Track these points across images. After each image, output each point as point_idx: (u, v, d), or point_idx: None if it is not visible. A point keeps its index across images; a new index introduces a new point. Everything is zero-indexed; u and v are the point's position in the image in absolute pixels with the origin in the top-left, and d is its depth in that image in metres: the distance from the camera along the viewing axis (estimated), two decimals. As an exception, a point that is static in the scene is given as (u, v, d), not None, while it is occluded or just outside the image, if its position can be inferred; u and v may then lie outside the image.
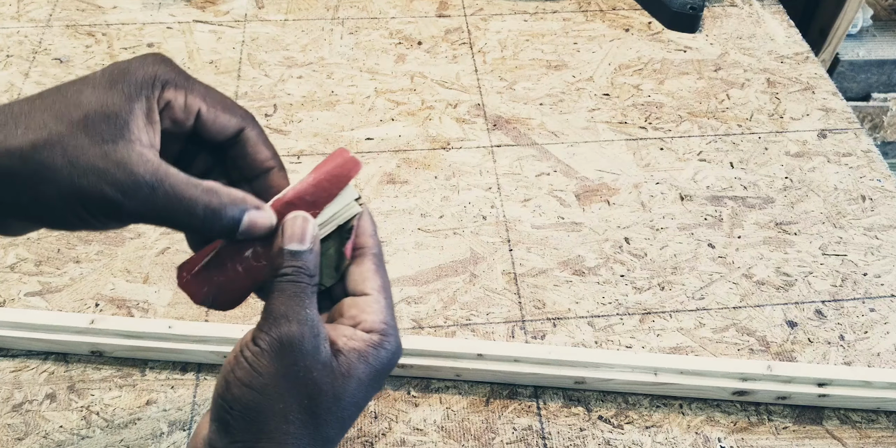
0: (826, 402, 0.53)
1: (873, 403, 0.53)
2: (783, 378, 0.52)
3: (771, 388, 0.52)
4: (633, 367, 0.53)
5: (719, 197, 0.67)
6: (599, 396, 0.54)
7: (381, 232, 0.64)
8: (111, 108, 0.33)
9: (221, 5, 0.86)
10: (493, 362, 0.53)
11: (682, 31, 0.84)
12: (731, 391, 0.53)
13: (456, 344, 0.54)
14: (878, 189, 0.68)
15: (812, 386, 0.52)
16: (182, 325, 0.54)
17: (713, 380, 0.53)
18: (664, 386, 0.53)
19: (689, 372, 0.52)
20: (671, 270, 0.62)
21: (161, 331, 0.54)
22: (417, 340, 0.54)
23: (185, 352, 0.54)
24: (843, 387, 0.52)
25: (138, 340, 0.54)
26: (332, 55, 0.80)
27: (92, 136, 0.32)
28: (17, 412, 0.52)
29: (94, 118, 0.32)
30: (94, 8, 0.85)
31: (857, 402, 0.53)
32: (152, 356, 0.55)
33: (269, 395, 0.34)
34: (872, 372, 0.52)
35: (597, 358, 0.53)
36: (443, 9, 0.87)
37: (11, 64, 0.78)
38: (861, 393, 0.52)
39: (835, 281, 0.61)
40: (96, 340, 0.54)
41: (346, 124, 0.73)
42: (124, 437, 0.51)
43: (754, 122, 0.74)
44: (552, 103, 0.76)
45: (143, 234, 0.63)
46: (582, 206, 0.66)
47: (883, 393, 0.52)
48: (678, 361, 0.53)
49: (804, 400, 0.53)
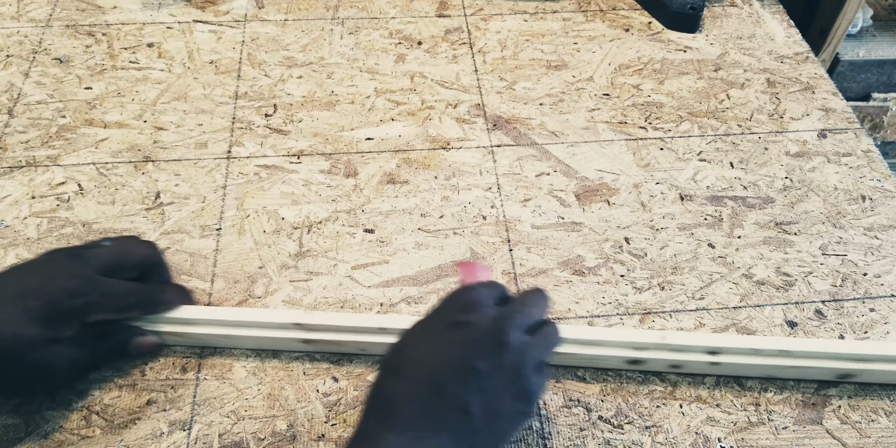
0: (718, 370, 0.54)
1: (764, 370, 0.54)
2: (675, 347, 0.53)
3: (664, 356, 0.53)
4: None
5: (719, 197, 0.68)
6: (600, 396, 0.54)
7: (382, 232, 0.64)
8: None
9: (221, 5, 0.86)
10: (396, 336, 0.54)
11: (682, 31, 0.84)
12: (626, 360, 0.54)
13: (358, 318, 0.54)
14: (878, 189, 0.68)
15: (703, 354, 0.53)
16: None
17: (608, 349, 0.53)
18: (562, 356, 0.54)
19: (585, 342, 0.53)
20: (671, 270, 0.62)
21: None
22: (321, 316, 0.54)
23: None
24: (733, 355, 0.53)
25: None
26: (332, 55, 0.80)
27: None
28: (17, 412, 0.52)
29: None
30: (94, 8, 0.85)
31: (748, 370, 0.54)
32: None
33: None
34: (761, 340, 0.53)
35: None
36: (443, 9, 0.87)
37: (11, 64, 0.78)
38: (752, 361, 0.53)
39: (835, 281, 0.61)
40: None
41: (346, 124, 0.73)
42: (124, 437, 0.51)
43: (754, 122, 0.74)
44: (552, 103, 0.76)
45: (143, 234, 0.63)
46: (582, 206, 0.66)
47: (773, 360, 0.53)
48: (574, 331, 0.53)
49: (697, 368, 0.54)
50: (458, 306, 0.42)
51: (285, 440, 0.51)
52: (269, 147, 0.71)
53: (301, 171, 0.69)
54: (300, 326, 0.54)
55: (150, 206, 0.65)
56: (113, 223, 0.64)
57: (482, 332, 0.40)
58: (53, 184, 0.67)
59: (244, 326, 0.55)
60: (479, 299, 0.42)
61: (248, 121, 0.73)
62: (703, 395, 0.54)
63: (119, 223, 0.64)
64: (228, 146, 0.71)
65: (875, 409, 0.54)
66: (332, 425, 0.52)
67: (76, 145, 0.70)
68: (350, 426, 0.52)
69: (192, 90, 0.76)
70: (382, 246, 0.63)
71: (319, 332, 0.54)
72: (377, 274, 0.61)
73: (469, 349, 0.39)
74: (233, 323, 0.54)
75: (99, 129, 0.72)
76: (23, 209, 0.65)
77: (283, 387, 0.54)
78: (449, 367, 0.39)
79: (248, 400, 0.53)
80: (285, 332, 0.54)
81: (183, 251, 0.62)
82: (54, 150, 0.70)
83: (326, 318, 0.54)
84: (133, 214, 0.65)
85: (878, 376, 0.54)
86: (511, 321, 0.41)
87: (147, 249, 0.54)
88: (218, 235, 0.63)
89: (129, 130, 0.72)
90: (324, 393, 0.54)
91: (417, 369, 0.39)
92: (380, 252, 0.63)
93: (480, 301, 0.42)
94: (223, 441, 0.51)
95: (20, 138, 0.71)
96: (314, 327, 0.54)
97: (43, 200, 0.66)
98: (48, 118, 0.73)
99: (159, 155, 0.70)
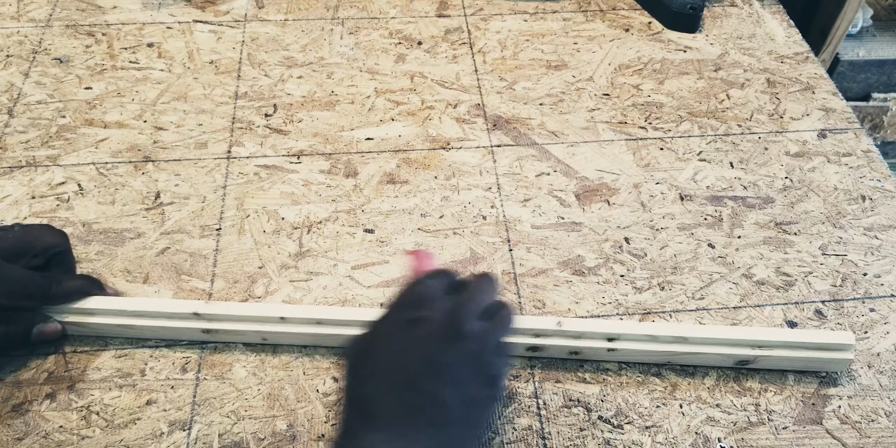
0: (615, 357, 0.55)
1: (662, 357, 0.55)
2: (573, 333, 0.54)
3: (562, 343, 0.54)
4: None
5: (719, 197, 0.67)
6: (600, 396, 0.54)
7: (382, 232, 0.64)
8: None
9: (221, 5, 0.86)
10: (296, 325, 0.54)
11: (682, 31, 0.84)
12: (525, 347, 0.54)
13: (259, 308, 0.55)
14: (878, 189, 0.68)
15: (602, 341, 0.54)
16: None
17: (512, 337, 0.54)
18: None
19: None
20: (671, 270, 0.62)
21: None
22: (220, 306, 0.55)
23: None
24: (630, 341, 0.54)
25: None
26: (332, 55, 0.80)
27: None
28: (17, 412, 0.52)
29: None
30: (94, 8, 0.85)
31: (646, 356, 0.55)
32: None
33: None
34: (657, 326, 0.54)
35: None
36: (443, 9, 0.87)
37: (11, 64, 0.78)
38: (648, 347, 0.54)
39: (835, 281, 0.61)
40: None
41: (346, 124, 0.73)
42: (124, 437, 0.51)
43: (754, 122, 0.74)
44: (552, 103, 0.76)
45: (143, 234, 0.63)
46: (582, 206, 0.66)
47: (669, 347, 0.54)
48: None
49: (595, 355, 0.55)
50: (411, 303, 0.43)
51: (285, 440, 0.51)
52: (269, 147, 0.71)
53: (301, 171, 0.69)
54: (199, 316, 0.54)
55: (150, 206, 0.65)
56: (113, 223, 0.64)
57: (439, 326, 0.41)
58: (53, 184, 0.67)
59: (144, 317, 0.55)
60: (429, 293, 0.43)
61: (248, 121, 0.73)
62: (703, 395, 0.54)
63: (119, 223, 0.64)
64: (228, 146, 0.71)
65: (875, 409, 0.54)
66: (332, 425, 0.52)
67: (76, 145, 0.70)
68: (350, 426, 0.52)
69: (192, 90, 0.76)
70: (382, 246, 0.63)
71: (219, 322, 0.55)
72: (377, 274, 0.61)
73: (431, 344, 0.41)
74: (132, 313, 0.55)
75: (99, 129, 0.72)
76: (23, 209, 0.65)
77: (283, 387, 0.54)
78: (416, 364, 0.40)
79: (248, 400, 0.54)
80: (185, 321, 0.55)
81: (183, 251, 0.62)
82: (54, 150, 0.70)
83: (226, 307, 0.55)
84: (133, 214, 0.65)
85: (776, 362, 0.55)
86: (464, 310, 0.42)
87: (55, 238, 0.54)
88: (218, 235, 0.63)
89: (129, 130, 0.72)
90: (324, 393, 0.54)
91: (386, 369, 0.41)
92: (380, 252, 0.63)
93: (431, 294, 0.43)
94: (223, 441, 0.51)
95: (20, 138, 0.71)
96: (214, 317, 0.55)
97: (43, 200, 0.66)
98: (48, 118, 0.73)
99: (159, 155, 0.70)
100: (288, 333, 0.55)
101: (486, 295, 0.44)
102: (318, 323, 0.54)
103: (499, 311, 0.44)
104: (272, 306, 0.56)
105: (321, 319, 0.54)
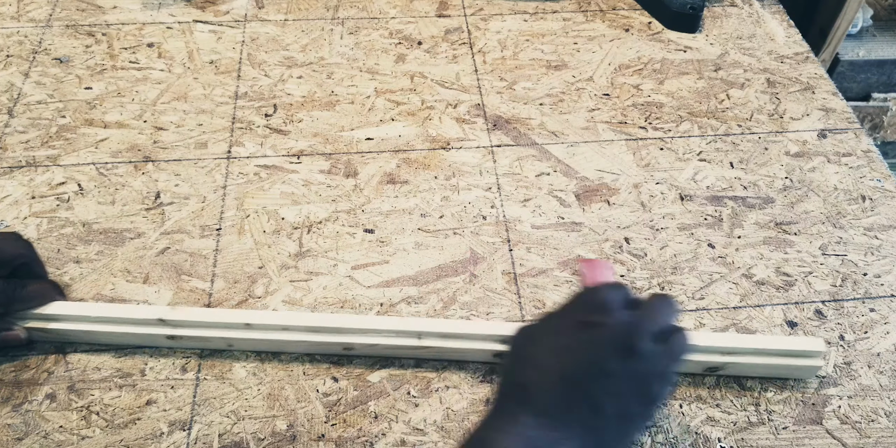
0: None
1: None
2: None
3: None
4: (398, 331, 0.53)
5: (719, 197, 0.68)
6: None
7: (382, 232, 0.64)
8: None
9: (221, 5, 0.86)
10: (262, 331, 0.54)
11: (682, 31, 0.84)
12: (492, 353, 0.54)
13: (224, 314, 0.55)
14: (878, 189, 0.68)
15: None
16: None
17: (474, 342, 0.54)
18: (428, 349, 0.54)
19: (452, 335, 0.53)
20: (671, 270, 0.62)
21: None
22: (184, 312, 0.54)
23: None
24: None
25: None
26: (332, 55, 0.80)
27: None
28: (17, 412, 0.52)
29: None
30: (94, 8, 0.85)
31: None
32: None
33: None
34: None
35: (363, 324, 0.54)
36: (443, 9, 0.87)
37: (11, 64, 0.78)
38: None
39: (835, 281, 0.61)
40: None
41: (346, 124, 0.73)
42: (124, 437, 0.51)
43: (754, 122, 0.74)
44: (552, 103, 0.76)
45: (143, 234, 0.63)
46: (582, 206, 0.66)
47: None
48: (441, 325, 0.54)
49: None
50: (589, 306, 0.43)
51: (285, 440, 0.51)
52: (269, 147, 0.71)
53: (301, 171, 0.69)
54: (164, 322, 0.54)
55: (150, 206, 0.65)
56: (113, 223, 0.64)
57: (613, 336, 0.41)
58: (53, 184, 0.67)
59: (108, 323, 0.55)
60: (609, 301, 0.43)
61: (248, 121, 0.73)
62: (703, 395, 0.54)
63: (119, 223, 0.64)
64: (228, 146, 0.71)
65: (875, 409, 0.54)
66: (332, 425, 0.52)
67: (76, 145, 0.70)
68: (350, 426, 0.52)
69: (192, 90, 0.76)
70: (382, 246, 0.63)
71: (184, 329, 0.54)
72: (377, 274, 0.61)
73: (601, 352, 0.41)
74: (96, 319, 0.54)
75: (99, 129, 0.72)
76: (23, 209, 0.65)
77: (283, 387, 0.54)
78: (581, 365, 0.40)
79: (248, 400, 0.54)
80: (150, 328, 0.54)
81: (183, 251, 0.62)
82: (54, 150, 0.70)
83: (190, 313, 0.54)
84: (133, 214, 0.65)
85: (746, 369, 0.54)
86: (641, 328, 0.42)
87: (20, 249, 0.55)
88: (218, 235, 0.63)
89: (129, 130, 0.72)
90: (324, 393, 0.54)
91: (551, 361, 0.41)
92: (380, 252, 0.63)
93: (610, 303, 0.43)
94: (223, 441, 0.51)
95: (20, 138, 0.71)
96: (179, 323, 0.54)
97: (43, 200, 0.66)
98: (48, 118, 0.73)
99: (159, 155, 0.70)
100: (254, 340, 0.54)
101: (665, 316, 0.44)
102: (285, 329, 0.54)
103: (673, 335, 0.44)
104: (237, 312, 0.55)
105: (287, 325, 0.54)
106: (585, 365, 0.40)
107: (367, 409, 0.53)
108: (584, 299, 0.44)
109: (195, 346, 0.56)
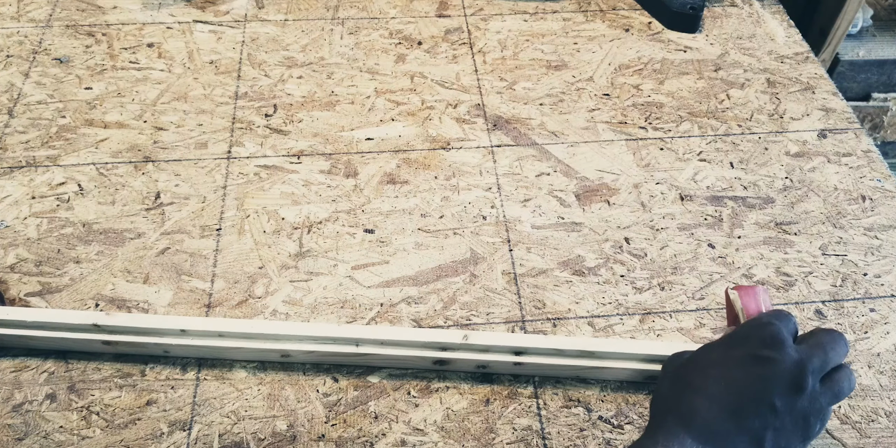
0: (523, 370, 0.55)
1: (570, 371, 0.54)
2: (480, 347, 0.53)
3: (469, 357, 0.53)
4: (336, 338, 0.53)
5: (719, 197, 0.68)
6: (600, 396, 0.54)
7: (382, 232, 0.64)
8: None
9: (221, 5, 0.86)
10: (198, 338, 0.54)
11: (682, 31, 0.84)
12: (432, 360, 0.54)
13: (159, 320, 0.54)
14: (878, 189, 0.68)
15: (509, 354, 0.53)
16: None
17: (413, 350, 0.54)
18: (367, 357, 0.54)
19: (390, 342, 0.53)
20: (671, 270, 0.62)
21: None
22: (120, 318, 0.54)
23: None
24: (537, 355, 0.53)
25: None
26: (332, 55, 0.80)
27: None
28: (17, 412, 0.52)
29: None
30: (94, 8, 0.85)
31: (553, 370, 0.54)
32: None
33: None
34: (564, 340, 0.53)
35: (301, 331, 0.53)
36: (443, 9, 0.87)
37: (11, 64, 0.78)
38: (555, 361, 0.53)
39: (835, 281, 0.61)
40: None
41: (346, 124, 0.73)
42: (124, 437, 0.51)
43: (754, 122, 0.74)
44: (552, 103, 0.76)
45: (143, 234, 0.63)
46: (582, 206, 0.66)
47: (576, 361, 0.53)
48: (378, 332, 0.53)
49: (502, 368, 0.54)
50: (763, 341, 0.44)
51: (285, 440, 0.51)
52: (269, 147, 0.71)
53: (301, 171, 0.69)
54: (99, 328, 0.53)
55: (150, 206, 0.65)
56: (113, 223, 0.64)
57: (783, 373, 0.43)
58: (53, 184, 0.67)
59: (43, 328, 0.54)
60: (782, 337, 0.45)
61: (248, 121, 0.73)
62: (703, 395, 0.54)
63: (119, 223, 0.64)
64: (228, 146, 0.71)
65: (875, 409, 0.54)
66: (332, 425, 0.52)
67: (76, 145, 0.70)
68: (350, 426, 0.52)
69: (192, 90, 0.76)
70: (382, 246, 0.63)
71: (119, 335, 0.54)
72: (377, 274, 0.61)
73: (770, 386, 0.42)
74: (31, 324, 0.54)
75: (99, 130, 0.72)
76: (23, 209, 0.65)
77: (283, 387, 0.54)
78: (749, 399, 0.42)
79: (248, 400, 0.54)
80: (85, 333, 0.54)
81: (183, 251, 0.62)
82: (54, 151, 0.70)
83: (125, 319, 0.54)
84: (133, 214, 0.65)
85: None
86: (811, 366, 0.43)
87: None
88: (218, 235, 0.63)
89: (129, 130, 0.72)
90: (324, 393, 0.54)
91: (719, 391, 0.43)
92: (380, 252, 0.63)
93: (781, 339, 0.44)
94: (223, 441, 0.51)
95: (20, 138, 0.71)
96: (114, 329, 0.54)
97: (43, 200, 0.66)
98: (48, 118, 0.73)
99: (159, 155, 0.70)
100: (189, 346, 0.54)
101: (835, 355, 0.45)
102: (220, 335, 0.54)
103: (840, 374, 0.45)
104: (172, 319, 0.54)
105: (223, 332, 0.53)
106: (754, 399, 0.42)
107: (367, 409, 0.53)
108: (758, 333, 0.45)
109: (132, 352, 0.55)
